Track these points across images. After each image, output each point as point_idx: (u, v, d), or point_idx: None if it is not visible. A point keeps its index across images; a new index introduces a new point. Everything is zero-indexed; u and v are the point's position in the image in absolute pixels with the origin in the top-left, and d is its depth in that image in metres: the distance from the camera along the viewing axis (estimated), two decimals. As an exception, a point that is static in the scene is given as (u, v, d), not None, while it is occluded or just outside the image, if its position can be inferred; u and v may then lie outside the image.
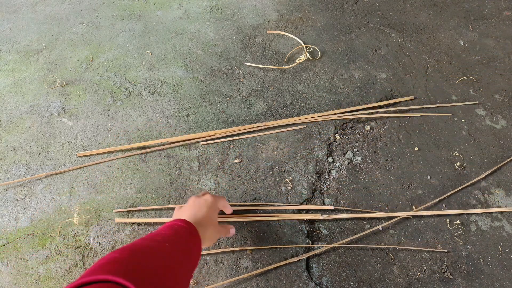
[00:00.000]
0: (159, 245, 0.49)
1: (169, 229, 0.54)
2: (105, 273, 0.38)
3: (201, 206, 0.62)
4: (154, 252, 0.48)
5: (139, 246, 0.48)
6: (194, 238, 0.55)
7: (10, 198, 0.76)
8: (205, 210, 0.62)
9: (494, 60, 1.06)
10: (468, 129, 0.92)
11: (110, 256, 0.44)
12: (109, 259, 0.43)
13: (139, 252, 0.46)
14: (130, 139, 0.86)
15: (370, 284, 0.70)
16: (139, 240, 0.51)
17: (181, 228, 0.55)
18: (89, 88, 0.94)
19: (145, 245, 0.49)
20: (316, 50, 1.05)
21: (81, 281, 0.38)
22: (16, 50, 1.01)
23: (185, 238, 0.54)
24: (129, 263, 0.43)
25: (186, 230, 0.55)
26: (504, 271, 0.72)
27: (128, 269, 0.41)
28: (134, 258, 0.44)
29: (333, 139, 0.88)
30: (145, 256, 0.46)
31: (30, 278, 0.68)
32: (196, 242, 0.55)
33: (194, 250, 0.54)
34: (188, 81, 0.97)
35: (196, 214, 0.60)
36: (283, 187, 0.80)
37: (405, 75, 1.01)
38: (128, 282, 0.38)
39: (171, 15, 1.12)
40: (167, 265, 0.46)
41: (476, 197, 0.81)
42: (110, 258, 0.43)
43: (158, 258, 0.47)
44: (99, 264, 0.42)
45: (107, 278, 0.38)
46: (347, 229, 0.76)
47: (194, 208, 0.62)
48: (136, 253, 0.46)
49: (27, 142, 0.84)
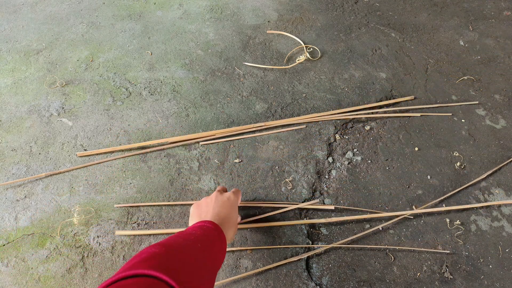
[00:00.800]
0: (193, 244, 0.50)
1: (199, 229, 0.55)
2: (147, 268, 0.39)
3: (224, 205, 0.62)
4: (189, 251, 0.48)
5: (175, 244, 0.48)
6: (221, 240, 0.56)
7: (10, 198, 0.76)
8: (228, 209, 0.62)
9: (494, 60, 1.06)
10: (468, 129, 0.91)
11: (149, 251, 0.44)
12: (149, 254, 0.43)
13: (176, 250, 0.47)
14: (130, 139, 0.86)
15: (370, 284, 0.70)
16: (173, 237, 0.51)
17: (209, 229, 0.55)
18: (89, 88, 0.94)
19: (180, 243, 0.49)
20: (316, 50, 1.05)
21: (124, 274, 0.38)
22: (16, 50, 1.01)
23: (213, 240, 0.54)
24: (168, 260, 0.43)
25: (214, 232, 0.55)
26: (504, 271, 0.72)
27: (168, 265, 0.41)
28: (172, 255, 0.45)
29: (333, 139, 0.88)
30: (182, 254, 0.46)
31: (30, 278, 0.68)
32: (223, 244, 0.56)
33: (220, 252, 0.55)
34: (188, 81, 0.97)
35: (219, 214, 0.60)
36: (283, 187, 0.80)
37: (405, 75, 1.01)
38: (170, 278, 0.38)
39: (171, 15, 1.12)
40: (200, 265, 0.47)
41: (476, 197, 0.81)
42: (150, 253, 0.43)
43: (193, 257, 0.47)
44: (140, 259, 0.42)
45: (150, 273, 0.38)
46: (347, 229, 0.76)
47: (218, 207, 0.61)
48: (173, 250, 0.46)
49: (27, 142, 0.84)
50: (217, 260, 0.53)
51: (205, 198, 0.66)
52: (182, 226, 0.74)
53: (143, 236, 0.73)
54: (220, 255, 0.54)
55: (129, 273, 0.38)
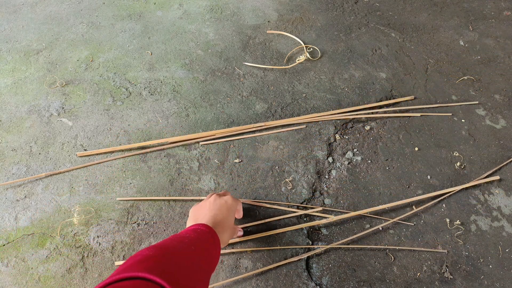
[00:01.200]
0: (187, 247, 0.50)
1: (193, 232, 0.55)
2: (142, 270, 0.39)
3: (221, 208, 0.62)
4: (184, 254, 0.48)
5: (170, 247, 0.48)
6: (215, 244, 0.56)
7: (10, 198, 0.76)
8: (225, 213, 0.62)
9: (494, 60, 1.06)
10: (468, 129, 0.91)
11: (144, 253, 0.44)
12: (144, 257, 0.43)
13: (171, 252, 0.47)
14: (130, 139, 0.86)
15: (370, 284, 0.70)
16: (168, 240, 0.51)
17: (204, 233, 0.56)
18: (89, 88, 0.94)
19: (175, 246, 0.49)
20: (316, 50, 1.05)
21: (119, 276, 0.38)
22: (16, 50, 1.01)
23: (207, 243, 0.54)
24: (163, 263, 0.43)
25: (208, 235, 0.55)
26: (504, 271, 0.72)
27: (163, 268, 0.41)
28: (167, 258, 0.45)
29: (333, 139, 0.88)
30: (176, 257, 0.46)
31: (30, 278, 0.68)
32: (217, 247, 0.56)
33: (214, 255, 0.55)
34: (188, 81, 0.97)
35: (216, 217, 0.60)
36: (283, 187, 0.80)
37: (405, 75, 1.01)
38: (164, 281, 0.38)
39: (171, 15, 1.12)
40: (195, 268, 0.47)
41: (476, 197, 0.81)
42: (144, 255, 0.43)
43: (187, 260, 0.47)
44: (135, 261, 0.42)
45: (144, 275, 0.38)
46: (347, 229, 0.76)
47: (215, 209, 0.62)
48: (168, 253, 0.46)
49: (27, 142, 0.84)
50: (211, 263, 0.53)
51: (203, 200, 0.66)
52: (182, 226, 0.74)
53: (143, 235, 0.73)
54: (214, 258, 0.54)
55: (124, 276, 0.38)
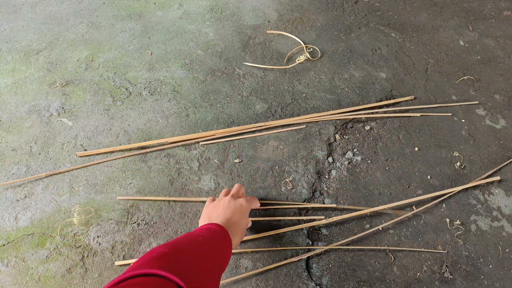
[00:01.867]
0: (200, 246, 0.50)
1: (207, 231, 0.55)
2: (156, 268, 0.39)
3: (235, 211, 0.63)
4: (197, 252, 0.48)
5: (184, 245, 0.48)
6: (227, 244, 0.56)
7: (10, 198, 0.76)
8: (239, 216, 0.62)
9: (494, 60, 1.06)
10: (468, 129, 0.91)
11: (158, 250, 0.44)
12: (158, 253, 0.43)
13: (185, 250, 0.47)
14: (130, 139, 0.86)
15: (370, 284, 0.70)
16: (181, 238, 0.52)
17: (217, 232, 0.56)
18: (89, 88, 0.94)
19: (189, 244, 0.49)
20: (316, 50, 1.05)
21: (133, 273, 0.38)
22: (16, 50, 1.01)
23: (220, 243, 0.54)
24: (177, 260, 0.43)
25: (221, 235, 0.56)
26: (504, 271, 0.72)
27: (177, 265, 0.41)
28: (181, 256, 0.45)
29: (333, 139, 0.88)
30: (190, 255, 0.46)
31: (30, 278, 0.68)
32: (229, 248, 0.56)
33: (226, 254, 0.55)
34: (188, 81, 0.97)
35: (229, 220, 0.61)
36: (283, 187, 0.80)
37: (405, 75, 1.01)
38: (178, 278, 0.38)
39: (171, 15, 1.12)
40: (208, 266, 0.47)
41: (476, 197, 0.81)
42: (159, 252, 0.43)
43: (201, 258, 0.47)
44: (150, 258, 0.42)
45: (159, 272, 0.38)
46: (347, 229, 0.76)
47: (229, 212, 0.62)
48: (182, 251, 0.46)
49: (27, 142, 0.84)
50: (223, 262, 0.53)
51: (218, 200, 0.67)
52: (182, 226, 0.74)
53: (143, 235, 0.73)
54: (225, 257, 0.55)
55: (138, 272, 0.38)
